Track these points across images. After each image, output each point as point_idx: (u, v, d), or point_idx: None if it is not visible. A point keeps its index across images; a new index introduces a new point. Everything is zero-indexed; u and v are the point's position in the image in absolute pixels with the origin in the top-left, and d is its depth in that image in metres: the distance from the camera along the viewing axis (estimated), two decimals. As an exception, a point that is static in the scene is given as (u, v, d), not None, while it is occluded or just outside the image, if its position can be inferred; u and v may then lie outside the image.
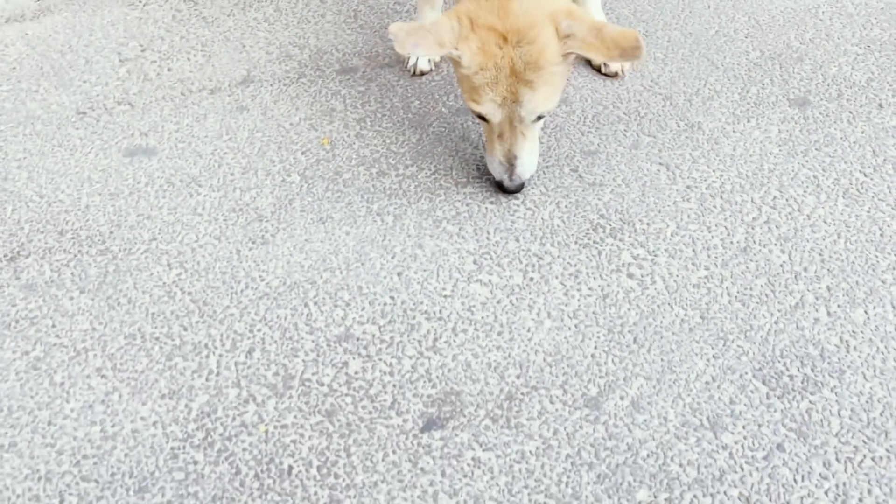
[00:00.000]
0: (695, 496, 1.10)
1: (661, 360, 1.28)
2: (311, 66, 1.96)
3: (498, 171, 1.52)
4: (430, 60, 1.89)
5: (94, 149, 1.77)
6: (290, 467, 1.18)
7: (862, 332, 1.28)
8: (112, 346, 1.37)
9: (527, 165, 1.52)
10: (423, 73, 1.88)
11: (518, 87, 1.41)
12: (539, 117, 1.49)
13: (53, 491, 1.18)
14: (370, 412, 1.25)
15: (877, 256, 1.40)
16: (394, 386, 1.28)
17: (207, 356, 1.35)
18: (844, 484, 1.10)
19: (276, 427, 1.24)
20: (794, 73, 1.80)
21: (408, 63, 1.89)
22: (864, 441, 1.15)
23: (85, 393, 1.30)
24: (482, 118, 1.49)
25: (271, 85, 1.92)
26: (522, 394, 1.25)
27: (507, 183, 1.52)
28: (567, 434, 1.19)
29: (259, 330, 1.38)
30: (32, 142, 1.79)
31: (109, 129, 1.82)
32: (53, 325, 1.41)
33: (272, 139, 1.76)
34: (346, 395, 1.27)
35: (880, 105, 1.69)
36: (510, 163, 1.49)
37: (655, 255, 1.45)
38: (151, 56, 2.03)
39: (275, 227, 1.57)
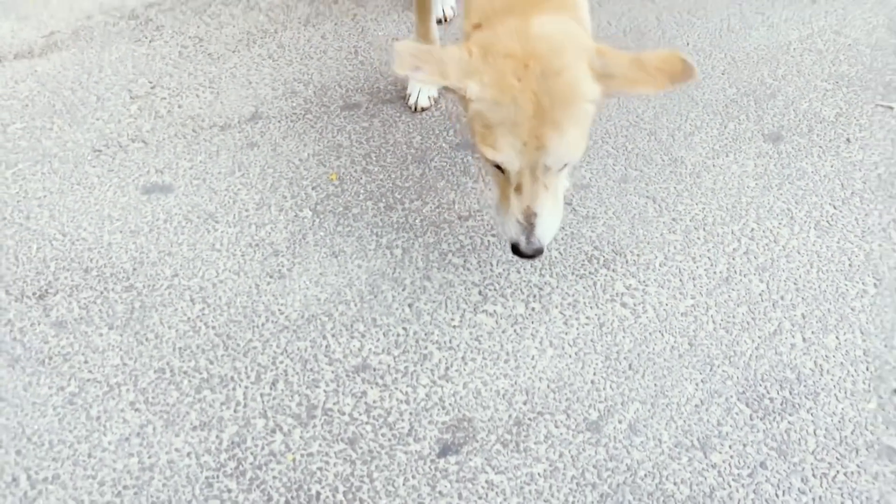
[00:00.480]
0: (688, 511, 1.23)
1: (655, 385, 1.40)
2: (316, 103, 2.06)
3: (513, 232, 1.27)
4: (429, 97, 1.99)
5: (111, 186, 1.85)
6: (318, 493, 1.29)
7: (833, 356, 1.42)
8: (143, 381, 1.46)
9: (548, 226, 1.28)
10: (423, 109, 1.98)
11: (543, 129, 1.16)
12: (565, 165, 1.27)
13: (98, 520, 1.27)
14: (389, 439, 1.36)
15: (846, 285, 1.54)
16: (410, 414, 1.39)
17: (234, 388, 1.44)
18: (820, 497, 1.23)
19: (302, 455, 1.34)
20: (768, 108, 1.94)
21: (409, 99, 2.00)
22: (837, 458, 1.28)
23: (121, 426, 1.39)
24: (497, 166, 1.25)
25: (279, 121, 2.02)
26: (529, 419, 1.37)
27: (523, 246, 1.27)
28: (571, 456, 1.31)
29: (281, 362, 1.48)
30: (51, 180, 1.87)
31: (125, 166, 1.90)
32: (86, 361, 1.50)
33: (283, 175, 1.86)
34: (367, 423, 1.38)
35: (848, 140, 1.84)
36: (529, 221, 1.25)
37: (646, 286, 1.57)
38: (161, 93, 2.12)
39: (290, 261, 1.67)
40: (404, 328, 1.53)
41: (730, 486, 1.25)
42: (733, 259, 1.61)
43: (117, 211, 1.80)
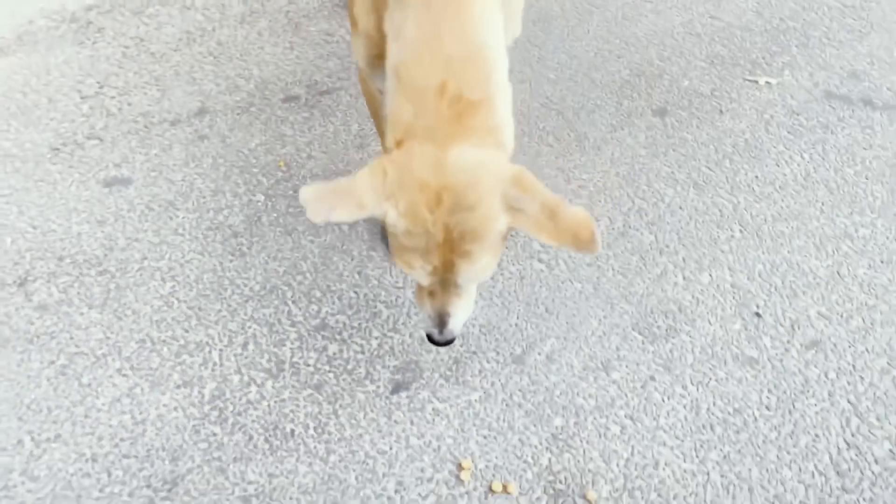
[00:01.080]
0: (594, 418, 1.53)
1: (566, 323, 1.70)
2: (258, 97, 2.26)
3: (427, 325, 1.34)
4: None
5: (73, 181, 2.01)
6: (293, 430, 1.53)
7: (707, 289, 1.75)
8: (126, 351, 1.66)
9: (460, 320, 1.32)
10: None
11: (453, 257, 1.19)
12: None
13: (101, 468, 1.48)
14: (349, 383, 1.61)
15: (717, 232, 1.87)
16: (366, 361, 1.64)
17: (210, 352, 1.66)
18: (697, 399, 1.56)
19: (275, 401, 1.58)
20: (656, 87, 2.26)
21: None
22: (710, 368, 1.61)
23: (111, 390, 1.59)
24: None
25: (225, 115, 2.20)
26: (466, 357, 1.64)
27: (436, 337, 1.33)
28: (501, 384, 1.59)
29: (249, 327, 1.71)
30: (14, 178, 2.02)
31: (84, 162, 2.06)
32: (71, 338, 1.68)
33: (234, 164, 2.06)
34: (329, 371, 1.63)
35: (721, 111, 2.17)
36: (442, 320, 1.31)
37: (558, 243, 1.86)
38: (109, 92, 2.27)
39: (248, 241, 1.88)
40: (355, 292, 1.77)
41: (626, 397, 1.56)
42: (628, 217, 1.91)
43: (82, 203, 1.96)
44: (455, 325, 1.31)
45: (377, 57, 1.34)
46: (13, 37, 2.46)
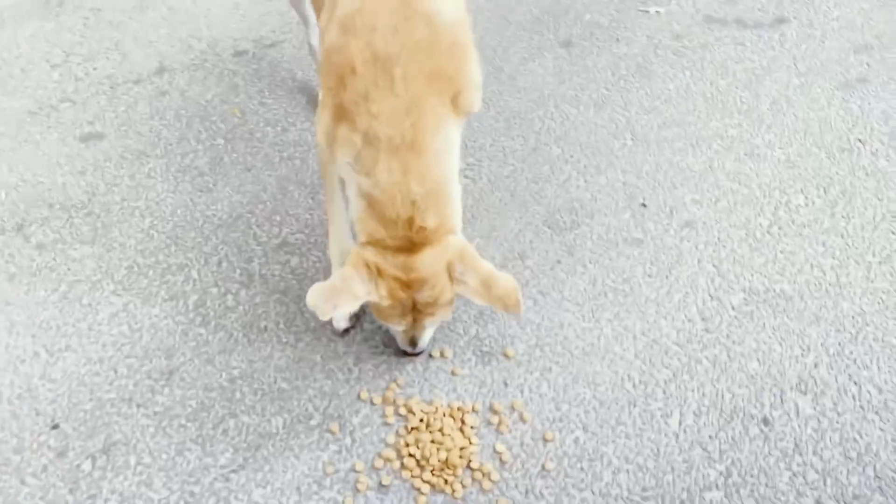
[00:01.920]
0: (512, 295, 1.87)
1: (489, 224, 2.03)
2: (210, 53, 2.52)
3: (401, 345, 1.71)
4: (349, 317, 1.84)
5: (53, 140, 2.28)
6: (266, 326, 1.85)
7: (604, 189, 2.09)
8: (118, 275, 1.96)
9: (427, 339, 1.70)
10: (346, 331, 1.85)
11: (420, 317, 1.60)
12: None
13: (107, 367, 1.79)
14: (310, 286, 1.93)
15: (613, 142, 2.21)
16: (323, 269, 1.96)
17: (189, 271, 1.97)
18: (594, 275, 1.91)
19: (250, 305, 1.89)
20: (562, 23, 2.57)
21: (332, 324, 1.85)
22: (604, 250, 1.96)
23: (108, 307, 1.90)
24: None
25: (182, 72, 2.47)
26: (405, 258, 1.97)
27: (409, 351, 1.72)
28: (435, 275, 1.92)
29: (221, 249, 2.01)
30: (2, 141, 2.27)
31: (61, 122, 2.32)
32: (69, 269, 1.98)
33: (195, 114, 2.34)
34: (293, 279, 1.94)
35: (617, 39, 2.50)
36: (413, 343, 1.68)
37: (480, 161, 2.19)
38: (76, 59, 2.51)
39: (213, 179, 2.18)
40: (310, 214, 2.08)
41: (538, 277, 1.91)
42: (539, 135, 2.24)
43: (63, 158, 2.23)
44: (423, 343, 1.70)
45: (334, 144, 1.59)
46: (-22, 15, 2.68)
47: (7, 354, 1.80)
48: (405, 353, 1.74)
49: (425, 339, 1.70)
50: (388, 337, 1.77)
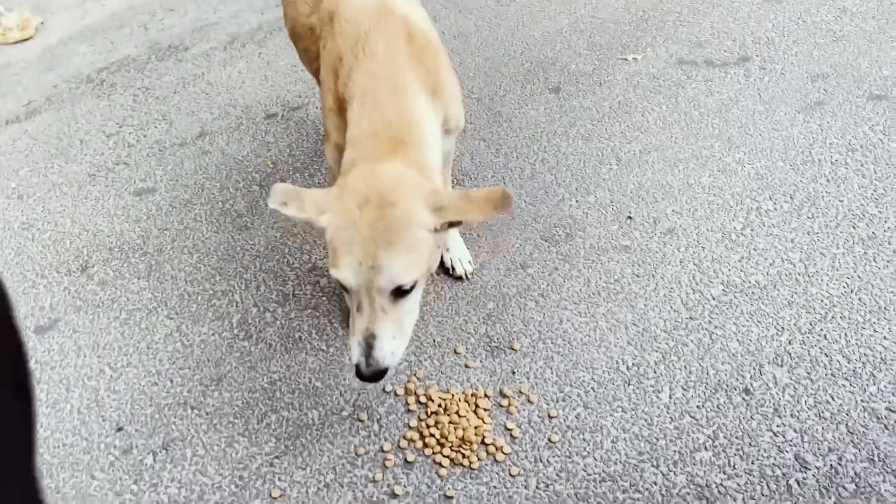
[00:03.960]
0: (517, 300, 2.11)
1: (493, 242, 2.30)
2: (245, 118, 2.88)
3: (355, 354, 1.37)
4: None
5: (110, 195, 2.61)
6: (300, 336, 2.11)
7: (594, 206, 2.36)
8: (171, 303, 2.24)
9: (387, 350, 1.36)
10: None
11: (377, 250, 1.30)
12: (401, 291, 1.36)
13: (164, 378, 2.04)
14: (338, 303, 2.19)
15: (600, 167, 2.49)
16: (348, 286, 2.22)
17: (232, 295, 2.24)
18: (587, 277, 2.15)
19: (286, 320, 2.15)
20: (551, 72, 2.91)
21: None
22: (596, 255, 2.20)
23: (163, 329, 2.17)
24: (343, 288, 1.39)
25: (220, 134, 2.82)
26: (420, 273, 2.23)
27: (363, 367, 1.35)
28: (448, 286, 2.18)
29: (259, 275, 2.29)
30: (64, 200, 2.61)
31: (117, 181, 2.67)
32: (128, 300, 2.26)
33: (232, 168, 2.67)
34: (322, 296, 2.21)
35: (600, 84, 2.82)
36: (368, 343, 1.35)
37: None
38: (128, 129, 2.89)
39: (251, 219, 2.48)
40: (335, 243, 2.37)
41: (538, 283, 2.16)
42: (534, 165, 2.54)
43: (120, 210, 2.56)
44: (382, 352, 1.34)
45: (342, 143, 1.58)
46: (43, 99, 3.09)
47: (76, 373, 2.06)
48: (358, 375, 1.39)
49: (384, 339, 1.36)
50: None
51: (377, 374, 1.38)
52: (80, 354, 2.11)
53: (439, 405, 1.88)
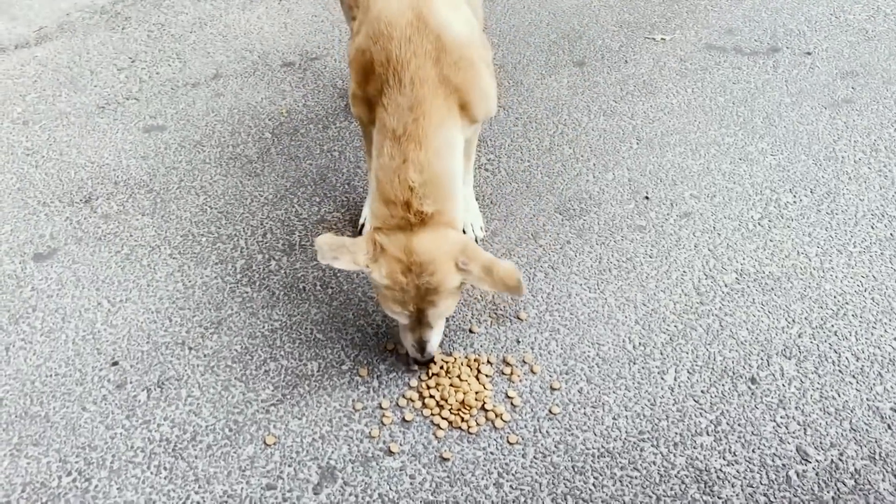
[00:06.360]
0: (525, 270, 2.08)
1: (506, 210, 2.26)
2: (261, 63, 2.82)
3: (411, 350, 1.80)
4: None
5: (119, 130, 2.55)
6: (304, 287, 2.07)
7: (611, 183, 2.32)
8: (174, 242, 2.19)
9: (434, 344, 1.78)
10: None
11: (422, 306, 1.68)
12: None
13: (163, 317, 2.00)
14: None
15: (620, 144, 2.45)
16: (356, 241, 2.18)
17: (238, 240, 2.20)
18: (599, 254, 2.12)
19: (290, 270, 2.11)
20: (577, 46, 2.85)
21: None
22: (609, 233, 2.17)
23: (165, 268, 2.13)
24: None
25: (235, 78, 2.76)
26: (430, 235, 2.19)
27: (419, 359, 1.80)
28: (457, 250, 2.14)
29: (266, 223, 2.25)
30: (71, 129, 2.55)
31: (126, 116, 2.60)
32: (130, 235, 2.21)
33: (246, 112, 2.61)
34: (328, 249, 2.17)
35: (626, 61, 2.77)
36: (421, 346, 1.76)
37: (499, 158, 2.43)
38: (140, 65, 2.82)
39: (261, 166, 2.43)
40: (346, 196, 2.32)
41: (548, 255, 2.12)
42: (553, 137, 2.49)
43: (127, 145, 2.50)
44: (432, 347, 1.78)
45: (371, 122, 1.76)
46: (55, 26, 3.01)
47: (73, 304, 2.02)
48: (415, 363, 1.83)
49: (433, 342, 1.78)
50: (400, 353, 1.94)
51: (430, 361, 1.82)
52: (79, 286, 2.07)
53: (441, 367, 1.85)
